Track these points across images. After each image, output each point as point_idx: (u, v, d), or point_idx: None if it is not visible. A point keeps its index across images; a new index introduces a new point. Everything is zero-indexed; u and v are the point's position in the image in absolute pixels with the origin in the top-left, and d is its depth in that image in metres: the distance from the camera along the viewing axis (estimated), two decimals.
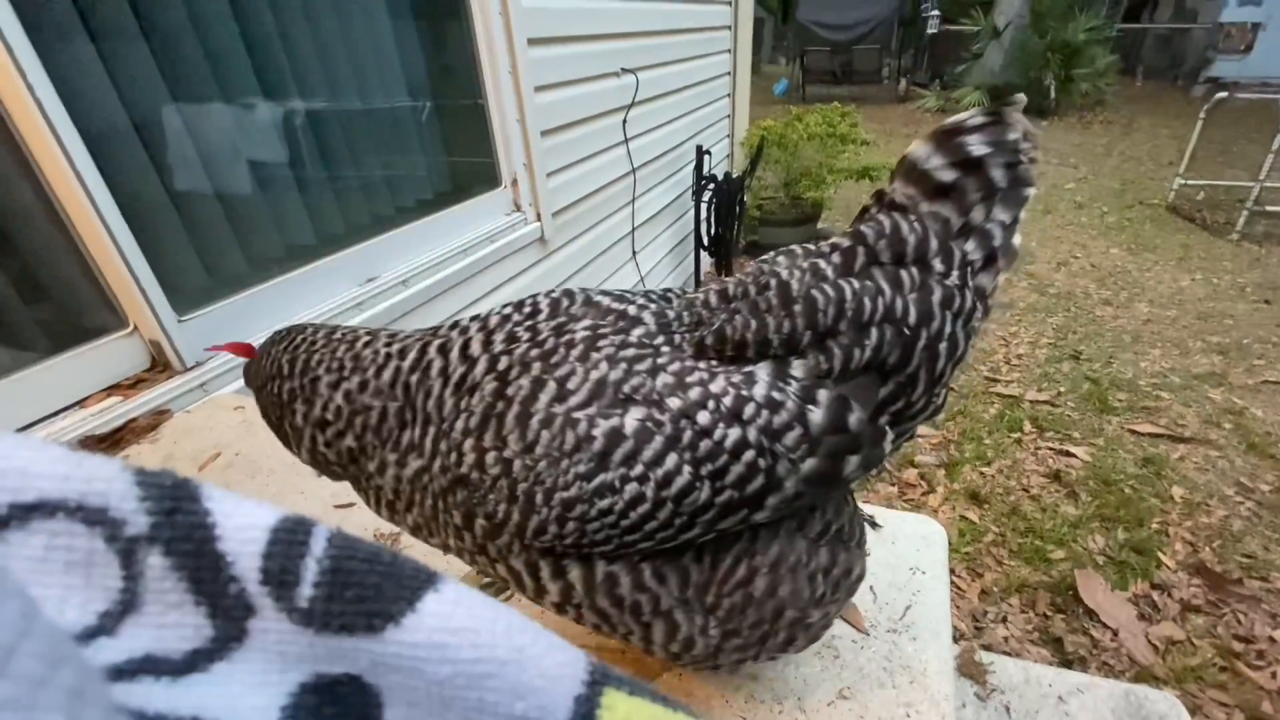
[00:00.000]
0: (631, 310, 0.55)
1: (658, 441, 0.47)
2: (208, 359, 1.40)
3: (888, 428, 0.53)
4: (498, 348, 0.53)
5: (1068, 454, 2.58)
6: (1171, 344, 3.45)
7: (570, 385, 0.49)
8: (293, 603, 0.20)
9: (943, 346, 0.51)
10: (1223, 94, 4.97)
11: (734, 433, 0.47)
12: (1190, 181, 5.40)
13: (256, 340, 0.69)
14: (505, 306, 0.58)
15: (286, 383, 0.61)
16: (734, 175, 4.11)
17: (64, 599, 0.20)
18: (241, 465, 1.10)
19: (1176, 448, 2.60)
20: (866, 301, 0.49)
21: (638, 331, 0.53)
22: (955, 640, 1.10)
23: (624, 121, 3.01)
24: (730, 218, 4.00)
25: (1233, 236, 4.91)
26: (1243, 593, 1.91)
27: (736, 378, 0.50)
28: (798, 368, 0.50)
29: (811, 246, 0.55)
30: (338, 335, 0.62)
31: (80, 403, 1.26)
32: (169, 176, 1.46)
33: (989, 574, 2.04)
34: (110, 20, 1.31)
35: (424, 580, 0.20)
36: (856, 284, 0.50)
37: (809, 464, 0.49)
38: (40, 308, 1.32)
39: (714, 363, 0.51)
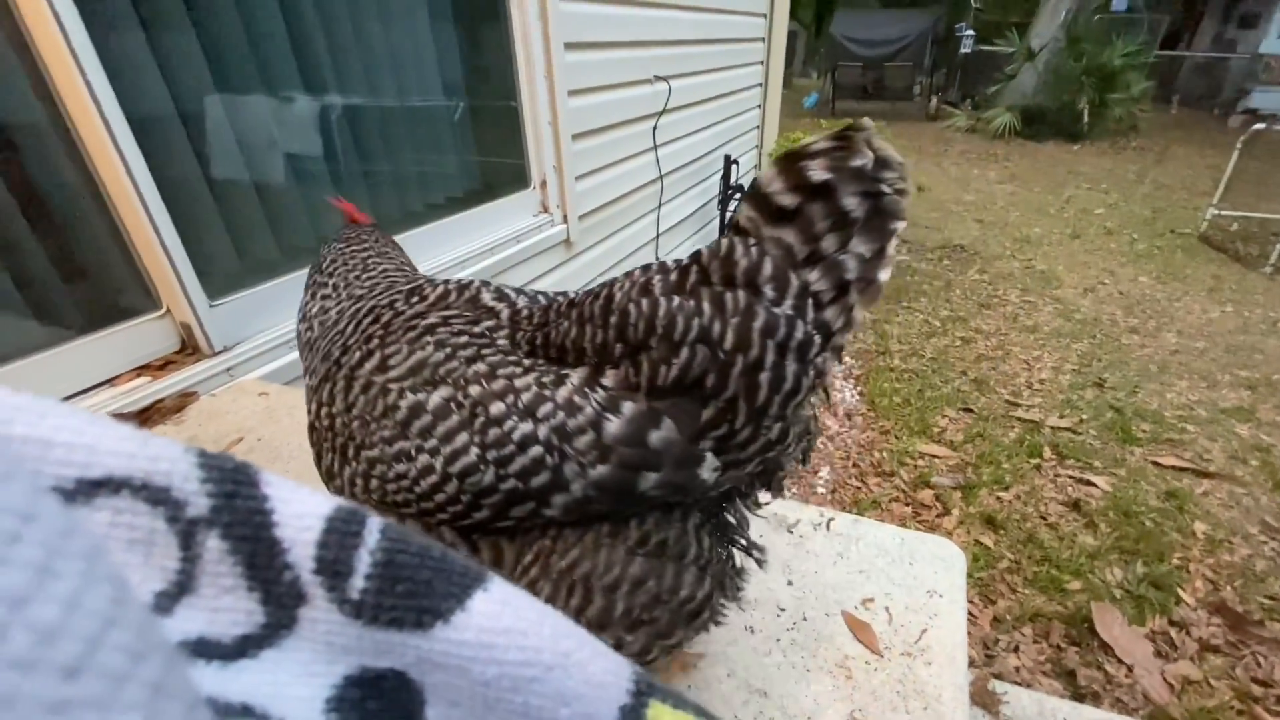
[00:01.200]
0: (501, 306, 0.60)
1: (453, 420, 0.51)
2: (235, 343, 1.42)
3: (710, 454, 0.51)
4: (369, 321, 0.63)
5: (1088, 483, 2.53)
6: (1199, 376, 3.38)
7: (393, 360, 0.55)
8: (344, 594, 0.20)
9: (764, 376, 0.48)
10: (1260, 125, 4.88)
11: (524, 427, 0.49)
12: (1224, 212, 5.30)
13: None
14: (449, 284, 0.66)
15: (316, 275, 0.78)
16: None
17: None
18: (263, 450, 1.12)
19: (1201, 482, 2.54)
20: (679, 320, 0.48)
21: (486, 324, 0.58)
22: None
23: (654, 128, 3.02)
24: None
25: (1266, 269, 4.80)
26: (1264, 635, 1.86)
27: (548, 378, 0.52)
28: (609, 377, 0.51)
29: (661, 264, 0.53)
30: (359, 257, 0.77)
31: (110, 381, 1.29)
32: (208, 164, 1.49)
33: (1002, 601, 2.00)
34: (162, 10, 1.34)
35: (473, 579, 0.21)
36: (674, 302, 0.48)
37: (599, 470, 0.49)
38: (78, 287, 1.34)
39: (540, 361, 0.54)
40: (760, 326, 0.47)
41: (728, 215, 3.94)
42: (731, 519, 0.62)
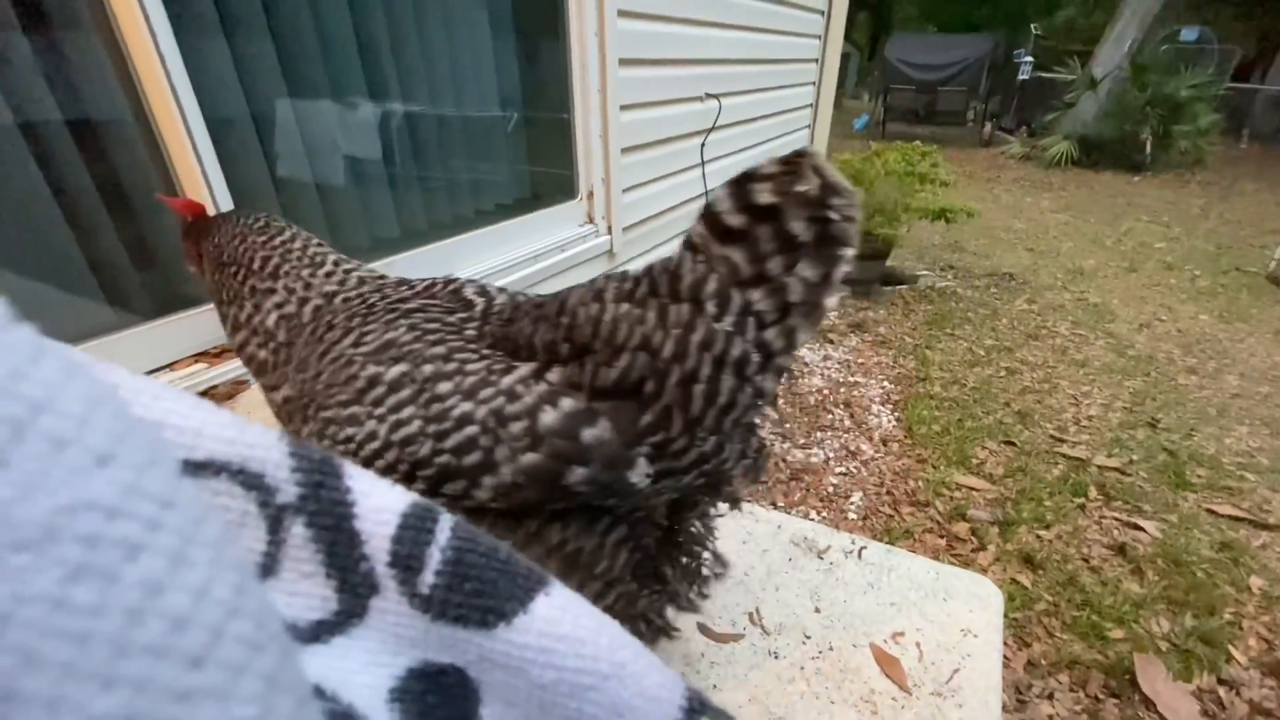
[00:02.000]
0: (479, 301, 0.64)
1: (404, 393, 0.54)
2: None
3: (643, 459, 0.52)
4: (355, 303, 0.66)
5: (1135, 527, 2.43)
6: (1261, 422, 3.22)
7: (367, 338, 0.59)
8: (415, 588, 0.21)
9: (698, 388, 0.49)
10: None
11: (464, 406, 0.52)
12: None
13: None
14: (433, 281, 0.69)
15: (250, 279, 0.71)
16: None
17: None
18: None
19: (1259, 534, 2.41)
20: (623, 326, 0.50)
21: (460, 315, 0.62)
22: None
23: (702, 144, 3.04)
24: None
25: None
26: None
27: (499, 366, 0.55)
28: (555, 373, 0.54)
29: (622, 274, 0.55)
30: (302, 249, 0.73)
31: (171, 365, 1.35)
32: (274, 164, 1.56)
33: (1038, 645, 1.93)
34: (244, 17, 1.42)
35: (536, 581, 0.21)
36: (621, 309, 0.51)
37: (529, 458, 0.51)
38: (148, 275, 1.42)
39: (498, 354, 0.57)
40: (699, 339, 0.48)
41: None
42: (683, 534, 0.64)
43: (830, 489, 2.72)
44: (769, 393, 0.53)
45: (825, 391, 3.55)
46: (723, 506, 0.64)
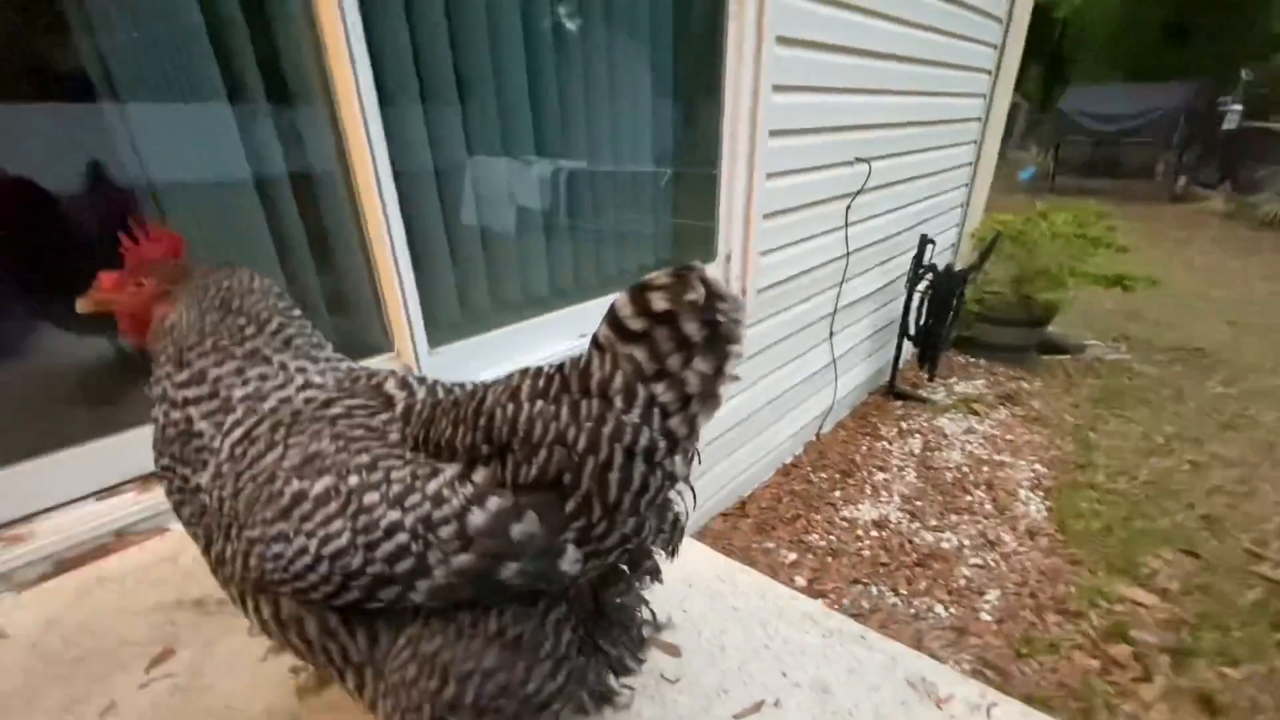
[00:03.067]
0: (401, 396, 0.65)
1: (332, 507, 0.55)
2: None
3: (571, 545, 0.55)
4: (283, 408, 0.64)
5: None
6: None
7: (292, 449, 0.59)
8: None
9: (613, 476, 0.53)
10: None
11: (392, 515, 0.54)
12: None
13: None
14: (347, 366, 0.70)
15: (252, 341, 0.67)
16: (957, 267, 3.89)
17: None
18: None
19: None
20: (538, 424, 0.53)
21: (382, 416, 0.63)
22: None
23: (847, 207, 3.02)
24: (945, 311, 3.78)
25: None
26: None
27: (423, 471, 0.57)
28: (479, 473, 0.56)
29: (536, 370, 0.57)
30: (312, 343, 0.70)
31: None
32: (447, 218, 1.72)
33: None
34: (437, 86, 1.60)
35: None
36: (535, 406, 0.54)
37: (461, 559, 0.54)
38: (338, 320, 1.60)
39: (421, 456, 0.59)
40: (609, 432, 0.52)
41: (914, 296, 3.77)
42: (610, 608, 0.65)
43: (962, 581, 2.52)
44: (679, 474, 0.57)
45: (965, 469, 3.31)
46: (646, 579, 0.67)
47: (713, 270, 2.26)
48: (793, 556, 2.70)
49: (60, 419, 1.17)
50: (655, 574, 0.67)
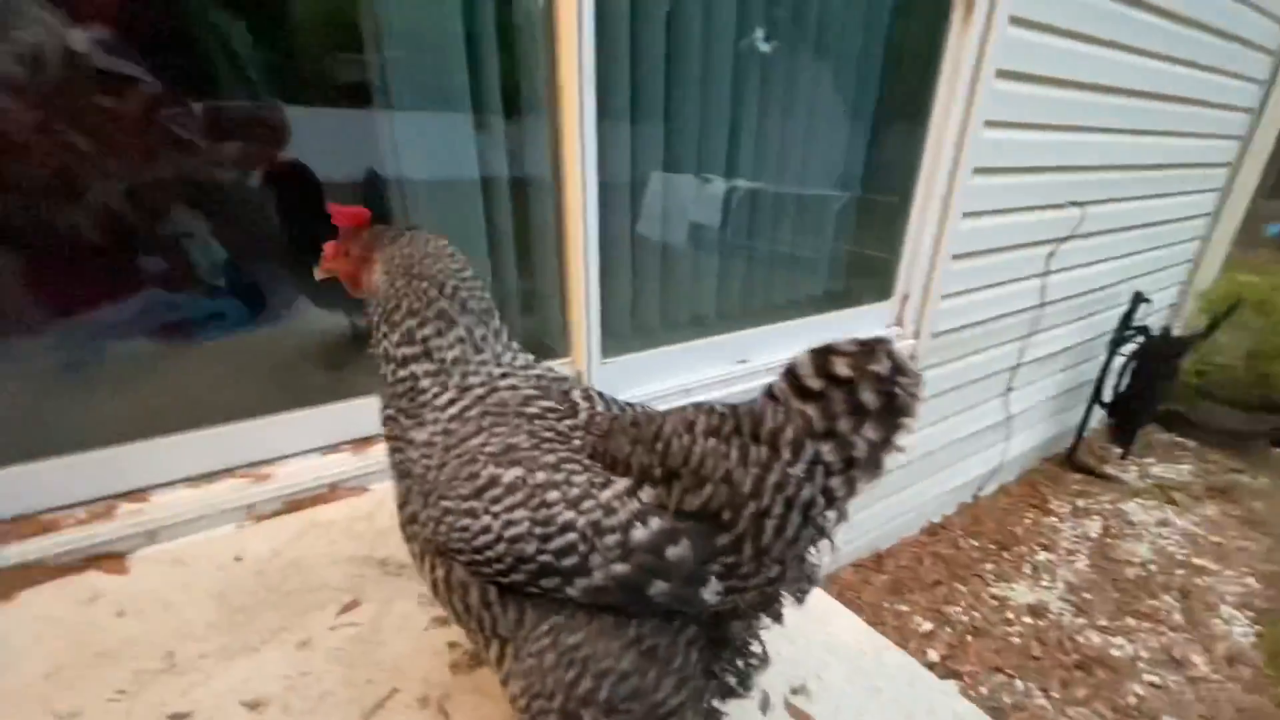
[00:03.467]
0: (584, 407, 0.71)
1: (518, 495, 0.61)
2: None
3: (714, 577, 0.59)
4: (491, 396, 0.70)
5: None
6: None
7: (494, 437, 0.66)
8: None
9: (769, 522, 0.56)
10: None
11: (568, 514, 0.59)
12: None
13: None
14: (535, 369, 0.76)
15: (439, 302, 0.73)
16: (1176, 331, 3.36)
17: None
18: None
19: None
20: (709, 460, 0.57)
21: (569, 422, 0.69)
22: None
23: (1050, 254, 2.72)
24: (1154, 380, 3.28)
25: None
26: None
27: (599, 479, 0.62)
28: (646, 492, 0.61)
29: (715, 405, 0.61)
30: (487, 307, 0.76)
31: None
32: (632, 233, 1.77)
33: None
34: (643, 104, 1.66)
35: None
36: (710, 443, 0.57)
37: (619, 567, 0.58)
38: (528, 320, 1.71)
39: (597, 465, 0.64)
40: (773, 480, 0.55)
41: (1116, 359, 3.31)
42: (732, 637, 0.68)
43: (1132, 699, 2.17)
44: (829, 531, 0.60)
45: (1153, 567, 2.85)
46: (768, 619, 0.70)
47: (887, 309, 2.16)
48: (928, 626, 2.49)
49: (302, 381, 1.38)
50: (778, 617, 0.69)
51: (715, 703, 0.70)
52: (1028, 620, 2.54)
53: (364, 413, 1.30)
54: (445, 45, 1.34)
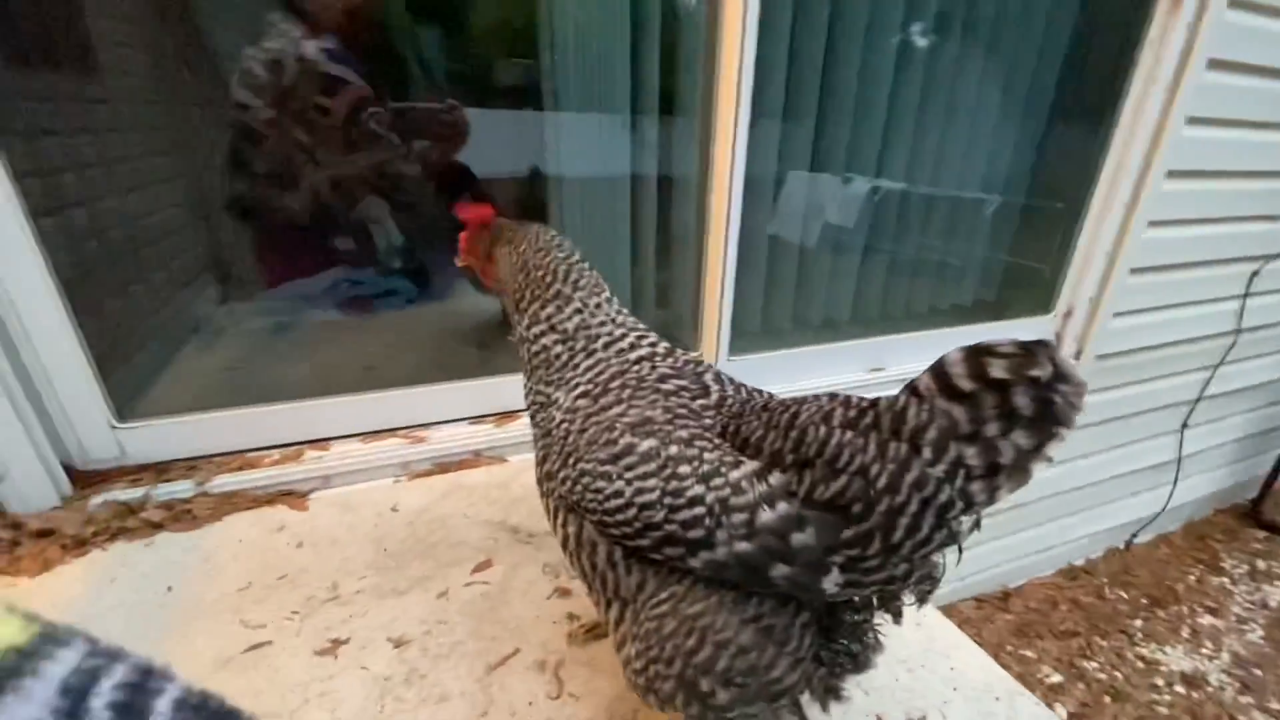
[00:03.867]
0: (714, 388, 0.74)
1: (652, 465, 0.64)
2: None
3: (835, 567, 0.58)
4: (628, 369, 0.75)
5: None
6: None
7: (633, 409, 0.69)
8: None
9: (902, 520, 0.55)
10: None
11: (697, 488, 0.61)
12: None
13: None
14: (668, 350, 0.79)
15: (556, 282, 0.81)
16: None
17: None
18: None
19: None
20: (845, 452, 0.57)
21: (700, 402, 0.71)
22: None
23: (1253, 273, 2.35)
24: None
25: None
26: None
27: (730, 458, 0.63)
28: (776, 477, 0.61)
29: (851, 398, 0.61)
30: (596, 284, 0.83)
31: None
32: (772, 229, 1.75)
33: None
34: (796, 104, 1.63)
35: None
36: (846, 435, 0.57)
37: (742, 545, 0.59)
38: (662, 312, 1.76)
39: (727, 445, 0.66)
40: (912, 479, 0.54)
41: None
42: (845, 625, 0.68)
43: None
44: (962, 536, 0.58)
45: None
46: (880, 615, 0.70)
47: (1046, 323, 1.97)
48: (1057, 678, 2.27)
49: (456, 356, 1.52)
50: (898, 615, 0.69)
51: (823, 692, 0.71)
52: (1179, 690, 2.24)
53: (507, 389, 1.41)
54: (611, 50, 1.40)
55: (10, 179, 1.00)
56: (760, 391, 0.76)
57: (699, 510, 0.61)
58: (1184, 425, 2.70)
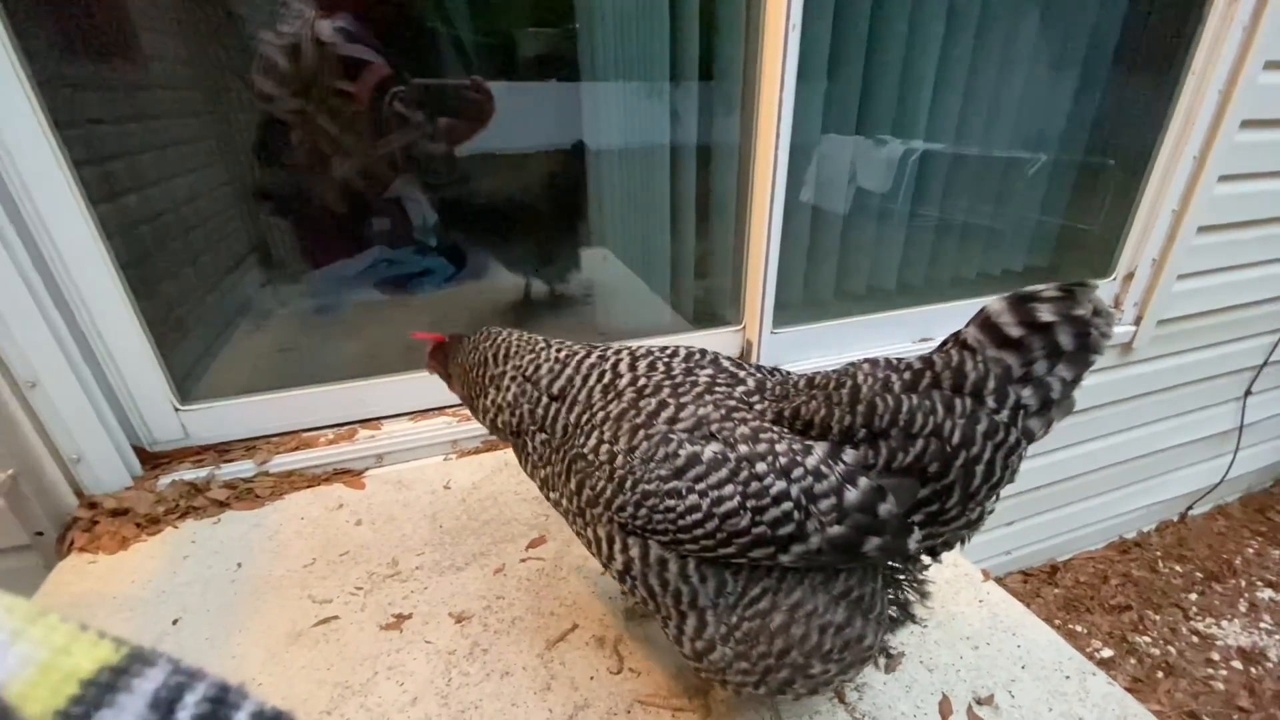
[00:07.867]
0: (741, 374, 0.72)
1: (723, 471, 0.61)
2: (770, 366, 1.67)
3: (916, 527, 0.62)
4: (641, 370, 0.72)
5: None
6: None
7: (683, 414, 0.65)
8: None
9: (979, 469, 0.59)
10: None
11: (780, 484, 0.60)
12: None
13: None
14: (651, 346, 0.77)
15: (487, 370, 0.81)
16: None
17: None
18: None
19: None
20: (919, 417, 0.58)
21: (740, 389, 0.69)
22: None
23: None
24: None
25: None
26: None
27: (798, 445, 0.62)
28: (849, 454, 0.61)
29: (892, 360, 0.63)
30: (524, 342, 0.80)
31: None
32: (814, 197, 1.69)
33: None
34: (843, 66, 1.57)
35: None
36: (914, 400, 0.59)
37: (834, 530, 0.60)
38: (700, 284, 1.73)
39: (785, 430, 0.64)
40: (983, 429, 0.58)
41: None
42: (900, 577, 0.73)
43: None
44: (1017, 469, 0.62)
45: None
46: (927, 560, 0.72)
47: (1104, 288, 1.86)
48: (1108, 653, 2.23)
49: None
50: (936, 555, 0.71)
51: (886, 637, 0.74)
52: (1237, 665, 2.18)
53: None
54: (649, 13, 1.34)
55: (70, 167, 1.01)
56: (778, 370, 0.75)
57: (786, 506, 0.59)
58: (1247, 392, 2.58)
